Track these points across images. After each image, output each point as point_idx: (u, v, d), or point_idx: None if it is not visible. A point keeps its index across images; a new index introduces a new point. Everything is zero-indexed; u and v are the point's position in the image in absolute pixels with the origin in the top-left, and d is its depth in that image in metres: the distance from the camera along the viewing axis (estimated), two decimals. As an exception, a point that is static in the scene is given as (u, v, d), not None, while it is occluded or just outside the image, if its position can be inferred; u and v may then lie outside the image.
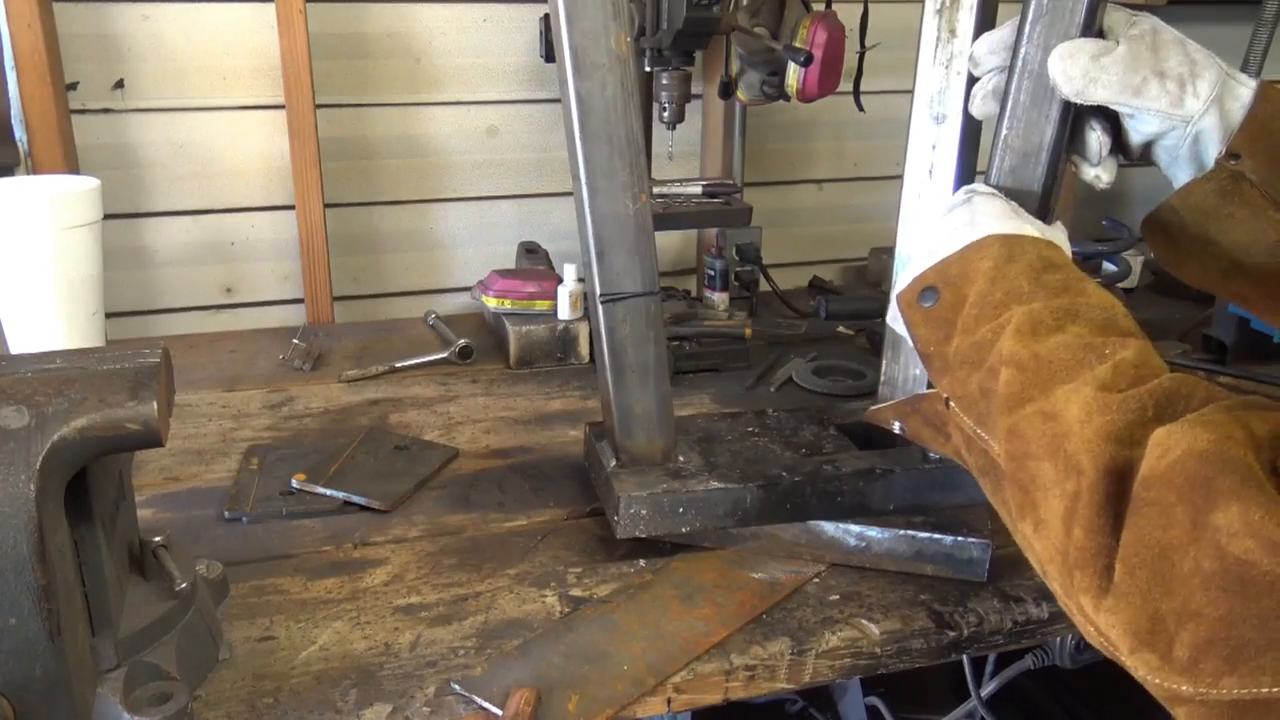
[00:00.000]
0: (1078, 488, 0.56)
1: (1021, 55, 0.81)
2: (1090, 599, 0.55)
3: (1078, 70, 0.77)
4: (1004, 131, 0.83)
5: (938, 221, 0.81)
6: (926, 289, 0.77)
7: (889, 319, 0.88)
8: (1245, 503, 0.48)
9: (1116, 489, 0.55)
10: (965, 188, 0.84)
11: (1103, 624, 0.55)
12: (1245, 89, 0.78)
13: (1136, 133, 0.81)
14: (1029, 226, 0.76)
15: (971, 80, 0.89)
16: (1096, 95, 0.78)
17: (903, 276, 0.82)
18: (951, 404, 0.75)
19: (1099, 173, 0.84)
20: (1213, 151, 0.79)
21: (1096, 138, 0.82)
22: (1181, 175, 0.82)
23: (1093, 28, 0.79)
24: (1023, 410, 0.64)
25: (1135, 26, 0.80)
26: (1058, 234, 0.80)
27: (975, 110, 0.88)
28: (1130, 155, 0.84)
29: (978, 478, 0.73)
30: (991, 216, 0.77)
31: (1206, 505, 0.49)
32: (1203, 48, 0.79)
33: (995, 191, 0.82)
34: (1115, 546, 0.54)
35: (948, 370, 0.75)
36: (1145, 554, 0.52)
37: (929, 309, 0.77)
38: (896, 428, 0.90)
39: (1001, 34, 0.85)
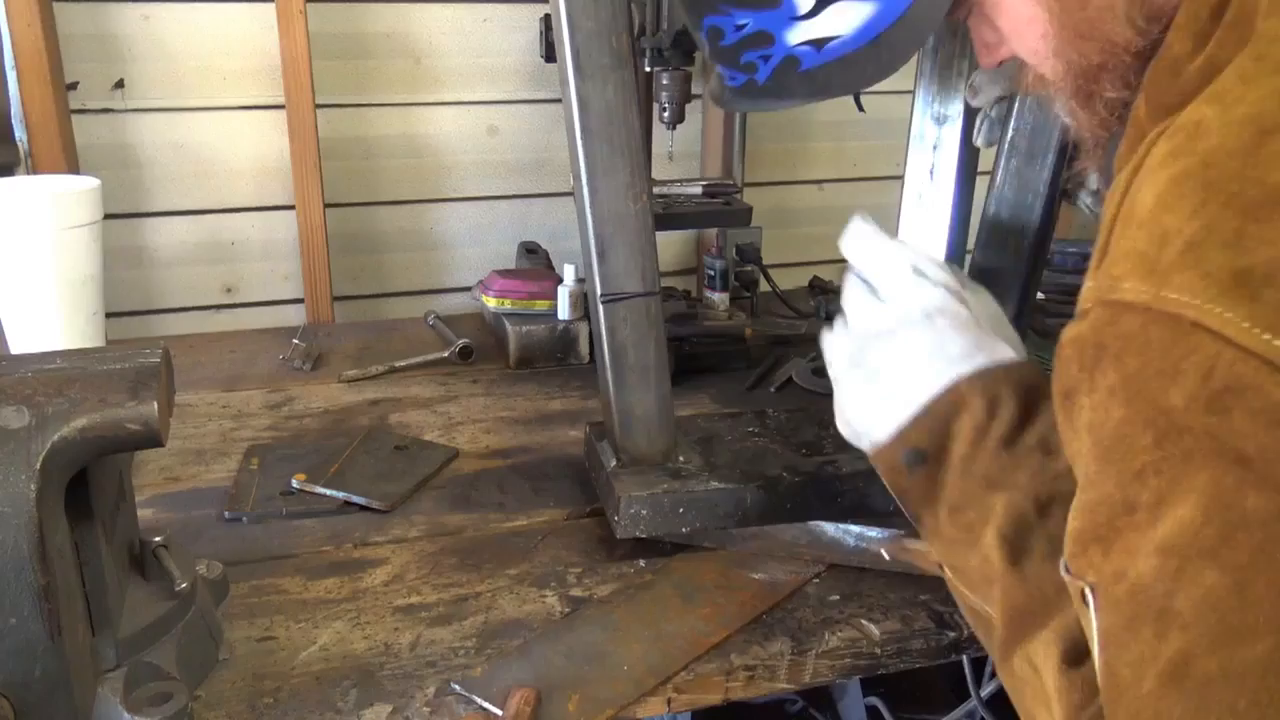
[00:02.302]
0: None
1: None
2: None
3: None
4: (1009, 134, 0.83)
5: (894, 343, 0.73)
6: (908, 449, 0.72)
7: (843, 432, 0.80)
8: None
9: None
10: (911, 268, 0.74)
11: None
12: None
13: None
14: (1000, 347, 0.71)
15: (969, 117, 0.89)
16: None
17: (868, 410, 0.74)
18: (948, 571, 0.73)
19: (1095, 201, 0.84)
20: None
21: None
22: None
23: None
24: (1017, 648, 0.63)
25: None
26: (1015, 338, 0.74)
27: (979, 141, 0.87)
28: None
29: (983, 643, 0.71)
30: (960, 350, 0.71)
31: None
32: None
33: (946, 285, 0.74)
34: None
35: (938, 538, 0.72)
36: None
37: (914, 472, 0.72)
38: (886, 556, 0.91)
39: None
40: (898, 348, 0.73)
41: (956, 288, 0.74)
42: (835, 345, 0.78)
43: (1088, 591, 0.49)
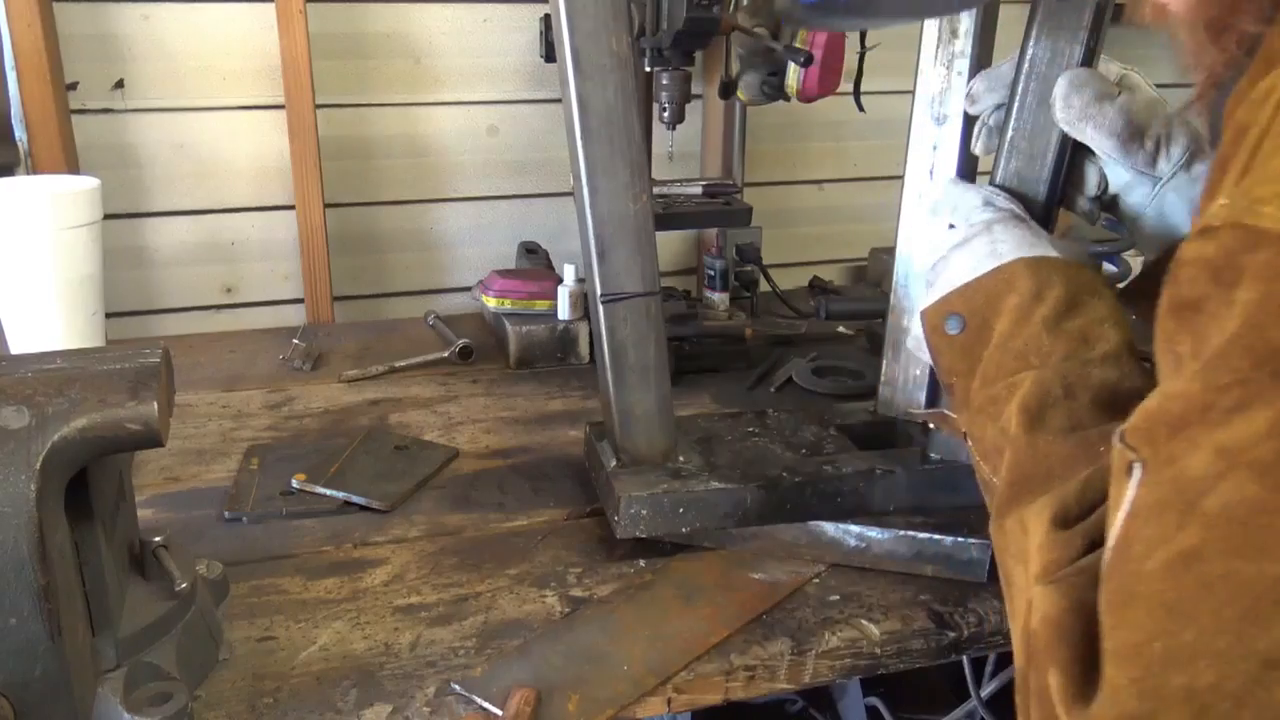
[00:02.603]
0: (1026, 615, 0.60)
1: (1029, 57, 0.81)
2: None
3: (1079, 103, 0.78)
4: (1009, 134, 0.83)
5: (955, 251, 0.79)
6: (952, 314, 0.76)
7: (910, 345, 0.88)
8: (1065, 675, 0.53)
9: None
10: (982, 199, 0.82)
11: None
12: (1210, 156, 0.80)
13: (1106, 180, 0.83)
14: (1052, 251, 0.75)
15: (969, 118, 0.90)
16: (1085, 134, 0.79)
17: (923, 302, 0.81)
18: (970, 443, 0.75)
19: (1093, 207, 0.85)
20: (1179, 210, 0.80)
21: (1097, 172, 0.83)
22: (1143, 234, 0.84)
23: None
24: (1013, 509, 0.66)
25: (1125, 79, 0.82)
26: (1069, 245, 0.79)
27: (978, 149, 0.88)
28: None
29: (990, 514, 0.74)
30: (1013, 245, 0.76)
31: (1046, 669, 0.55)
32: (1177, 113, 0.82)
33: (1014, 211, 0.80)
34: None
35: (967, 409, 0.76)
36: (1040, 694, 0.56)
37: (954, 337, 0.76)
38: (931, 426, 0.96)
39: (999, 71, 0.85)
40: (960, 253, 0.78)
41: (1022, 215, 0.80)
42: (923, 281, 0.83)
43: (1136, 466, 0.50)
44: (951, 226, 0.83)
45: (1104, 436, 0.64)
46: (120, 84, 1.51)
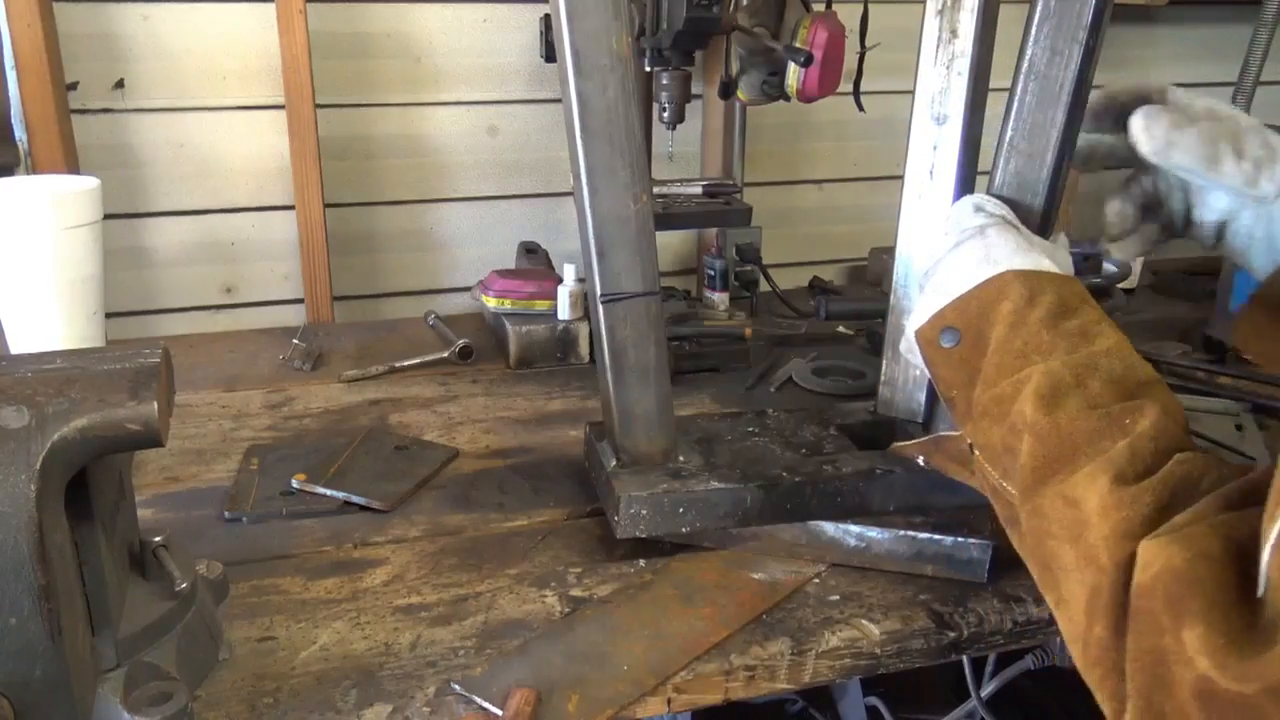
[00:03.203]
0: (1098, 582, 0.59)
1: (1028, 57, 0.81)
2: (1106, 696, 0.59)
3: (1160, 132, 0.77)
4: (1009, 134, 0.83)
5: (950, 255, 0.80)
6: (947, 328, 0.77)
7: (902, 349, 0.88)
8: (1208, 625, 0.51)
9: (1130, 585, 0.58)
10: (973, 205, 0.82)
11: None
12: None
13: (1209, 209, 0.82)
14: (1045, 260, 0.76)
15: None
16: (1175, 158, 0.78)
17: (918, 311, 0.81)
18: (976, 452, 0.75)
19: (1114, 248, 0.86)
20: None
21: (1116, 209, 0.83)
22: (1257, 260, 0.82)
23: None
24: (1045, 488, 0.65)
25: (1215, 110, 0.81)
26: (1060, 252, 0.79)
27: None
28: (1203, 235, 0.84)
29: (1002, 524, 0.74)
30: (1008, 252, 0.76)
31: (1178, 623, 0.53)
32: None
33: (1005, 217, 0.81)
34: (1124, 646, 0.57)
35: (970, 418, 0.76)
36: (1145, 658, 0.55)
37: (950, 350, 0.77)
38: (921, 461, 0.95)
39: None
40: (954, 256, 0.79)
41: (1013, 219, 0.81)
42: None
43: None
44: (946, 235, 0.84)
45: (1127, 411, 0.64)
46: (120, 84, 1.51)
